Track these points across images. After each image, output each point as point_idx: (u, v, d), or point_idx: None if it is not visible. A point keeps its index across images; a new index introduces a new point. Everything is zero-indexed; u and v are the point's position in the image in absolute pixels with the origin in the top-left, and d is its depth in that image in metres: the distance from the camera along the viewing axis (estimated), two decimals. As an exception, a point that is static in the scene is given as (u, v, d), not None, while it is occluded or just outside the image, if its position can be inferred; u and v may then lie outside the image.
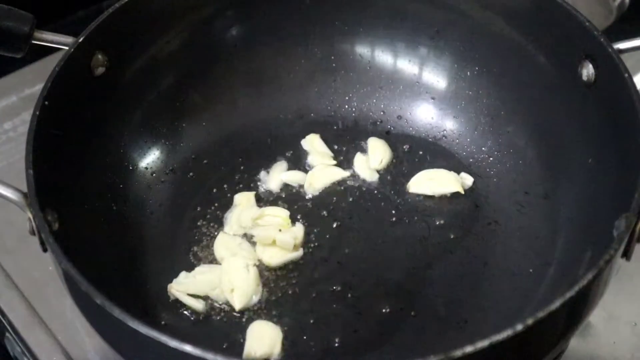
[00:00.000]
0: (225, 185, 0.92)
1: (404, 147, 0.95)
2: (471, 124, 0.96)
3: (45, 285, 0.89)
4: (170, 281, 0.83)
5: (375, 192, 0.92)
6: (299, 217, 0.89)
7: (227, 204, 0.90)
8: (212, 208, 0.90)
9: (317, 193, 0.92)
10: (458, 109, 0.96)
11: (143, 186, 0.92)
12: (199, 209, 0.90)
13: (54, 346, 0.85)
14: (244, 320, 0.81)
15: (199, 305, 0.81)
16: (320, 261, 0.86)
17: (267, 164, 0.94)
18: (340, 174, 0.93)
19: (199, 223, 0.89)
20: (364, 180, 0.93)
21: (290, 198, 0.91)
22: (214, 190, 0.92)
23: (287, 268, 0.85)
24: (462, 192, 0.90)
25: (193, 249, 0.87)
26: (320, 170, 0.93)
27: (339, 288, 0.83)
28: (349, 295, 0.83)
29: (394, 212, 0.90)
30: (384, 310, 0.81)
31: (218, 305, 0.82)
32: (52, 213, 0.73)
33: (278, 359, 0.78)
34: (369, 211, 0.90)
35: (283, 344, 0.79)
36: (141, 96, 0.93)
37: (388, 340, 0.79)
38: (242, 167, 0.94)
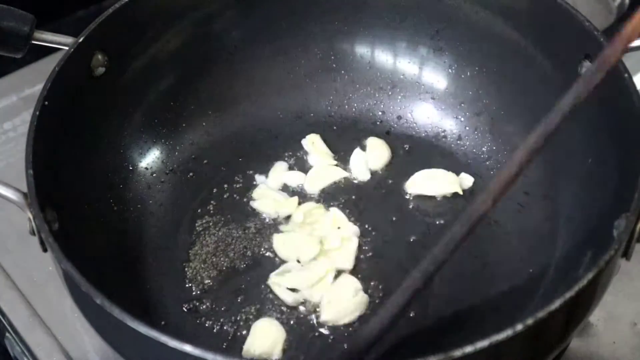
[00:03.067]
0: (225, 185, 0.92)
1: (404, 147, 0.95)
2: (471, 124, 0.96)
3: (45, 285, 0.89)
4: (170, 281, 0.83)
5: (375, 192, 0.92)
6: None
7: (227, 204, 0.90)
8: (213, 208, 0.90)
9: (316, 192, 0.92)
10: (458, 109, 0.97)
11: (143, 186, 0.92)
12: (199, 209, 0.90)
13: (54, 346, 0.85)
14: (243, 320, 0.81)
15: (289, 298, 0.81)
16: (320, 261, 0.86)
17: (267, 164, 0.94)
18: (340, 173, 0.93)
19: (199, 223, 0.89)
20: (363, 180, 0.93)
21: (290, 198, 0.92)
22: (214, 191, 0.92)
23: (287, 268, 0.85)
24: (461, 193, 0.90)
25: (193, 249, 0.87)
26: (320, 170, 0.93)
27: (339, 288, 0.83)
28: (349, 295, 0.83)
29: (393, 212, 0.90)
30: (384, 310, 0.81)
31: (218, 306, 0.82)
32: (52, 213, 0.73)
33: None
34: (368, 211, 0.90)
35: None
36: (141, 96, 0.93)
37: (388, 341, 0.79)
38: (242, 167, 0.94)
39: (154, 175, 0.93)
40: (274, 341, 0.79)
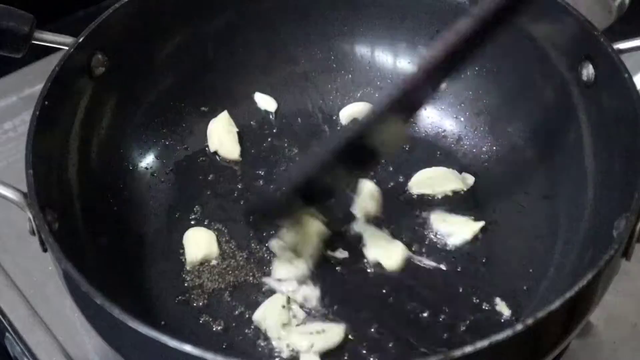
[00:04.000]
0: (225, 185, 0.92)
1: (404, 147, 0.95)
2: (471, 124, 0.96)
3: (45, 285, 0.89)
4: (170, 281, 0.83)
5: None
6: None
7: (228, 204, 0.90)
8: (213, 208, 0.90)
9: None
10: (458, 109, 0.96)
11: (143, 186, 0.92)
12: (199, 209, 0.90)
13: (54, 346, 0.85)
14: (244, 319, 0.81)
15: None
16: (319, 260, 0.86)
17: (267, 164, 0.94)
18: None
19: (199, 223, 0.89)
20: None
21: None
22: (215, 191, 0.92)
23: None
24: (464, 189, 0.90)
25: (193, 249, 0.87)
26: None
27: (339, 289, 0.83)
28: (349, 294, 0.83)
29: (395, 212, 0.90)
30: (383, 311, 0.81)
31: (218, 306, 0.82)
32: (52, 213, 0.73)
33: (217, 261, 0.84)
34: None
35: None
36: (141, 96, 0.93)
37: (388, 341, 0.79)
38: (242, 167, 0.94)
39: (154, 175, 0.93)
40: (208, 243, 0.85)
